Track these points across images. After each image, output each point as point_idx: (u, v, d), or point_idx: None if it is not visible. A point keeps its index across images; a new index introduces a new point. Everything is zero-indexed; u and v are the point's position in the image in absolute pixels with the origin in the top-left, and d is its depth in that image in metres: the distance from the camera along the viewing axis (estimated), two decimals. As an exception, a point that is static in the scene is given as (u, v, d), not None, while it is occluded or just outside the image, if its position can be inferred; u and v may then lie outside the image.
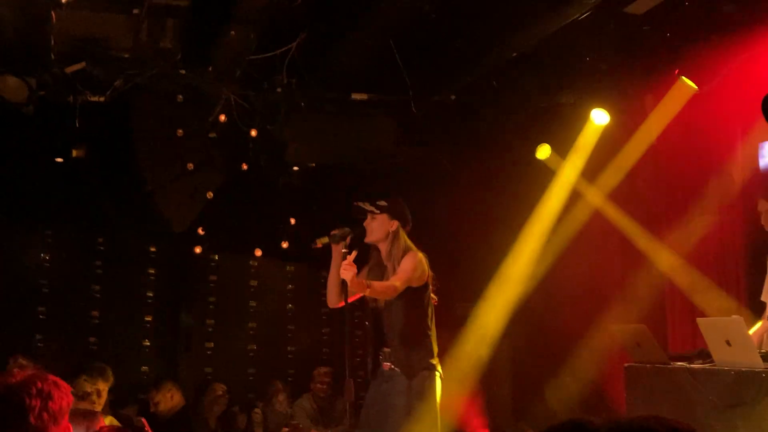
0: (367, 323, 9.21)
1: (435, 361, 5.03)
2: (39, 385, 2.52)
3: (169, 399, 7.74)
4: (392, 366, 4.98)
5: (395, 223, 5.09)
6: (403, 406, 4.87)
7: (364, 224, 5.08)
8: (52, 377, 2.60)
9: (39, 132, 6.78)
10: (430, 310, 5.10)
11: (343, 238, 4.88)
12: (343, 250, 4.81)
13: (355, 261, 4.75)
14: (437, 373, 4.99)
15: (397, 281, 4.88)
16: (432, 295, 5.13)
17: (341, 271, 4.68)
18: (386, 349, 5.08)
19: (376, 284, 4.85)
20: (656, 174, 6.59)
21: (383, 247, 5.08)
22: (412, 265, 4.97)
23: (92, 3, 5.12)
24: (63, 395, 2.53)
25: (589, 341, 6.72)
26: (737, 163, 6.03)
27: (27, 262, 9.11)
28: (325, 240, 4.93)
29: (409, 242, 5.12)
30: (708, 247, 6.23)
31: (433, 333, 5.09)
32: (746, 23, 5.71)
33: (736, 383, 4.17)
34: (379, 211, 5.05)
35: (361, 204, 5.08)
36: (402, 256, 5.02)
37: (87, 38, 5.48)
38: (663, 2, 5.85)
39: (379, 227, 5.06)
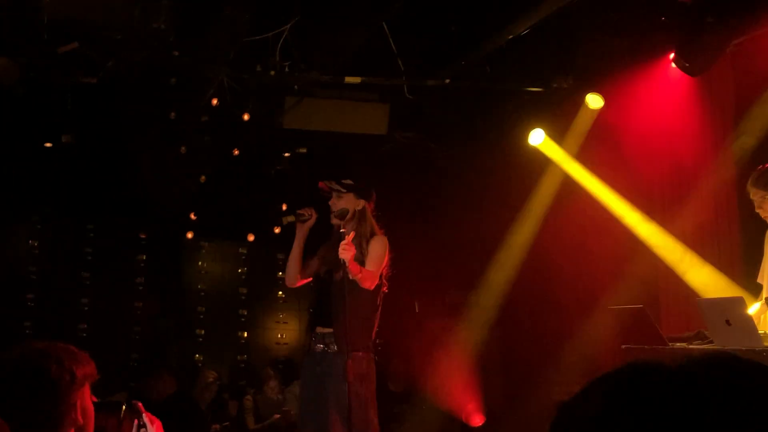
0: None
1: (371, 343, 5.10)
2: (60, 352, 2.48)
3: (163, 386, 7.70)
4: (325, 347, 4.98)
5: (361, 203, 5.16)
6: (342, 388, 4.88)
7: (330, 203, 5.14)
8: (72, 348, 2.57)
9: (30, 114, 6.70)
10: (381, 293, 5.15)
11: (309, 217, 5.11)
12: (341, 230, 4.82)
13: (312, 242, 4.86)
14: (373, 356, 5.09)
15: (374, 267, 4.97)
16: (384, 280, 5.16)
17: (340, 250, 4.70)
18: (320, 329, 5.08)
19: (365, 270, 4.88)
20: (651, 158, 6.59)
21: (349, 225, 5.07)
22: (383, 251, 5.07)
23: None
24: (82, 364, 2.50)
25: (585, 323, 6.72)
26: (732, 146, 6.03)
27: (15, 248, 9.04)
28: (291, 218, 5.04)
29: (375, 223, 5.13)
30: (703, 228, 6.23)
31: (377, 317, 5.14)
32: (740, 7, 5.71)
33: (736, 363, 4.17)
34: (345, 190, 5.07)
35: (327, 183, 5.11)
36: (370, 237, 5.03)
37: (80, 18, 5.40)
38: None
39: (345, 205, 5.10)
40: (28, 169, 7.91)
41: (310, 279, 5.32)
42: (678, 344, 4.74)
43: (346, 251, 4.67)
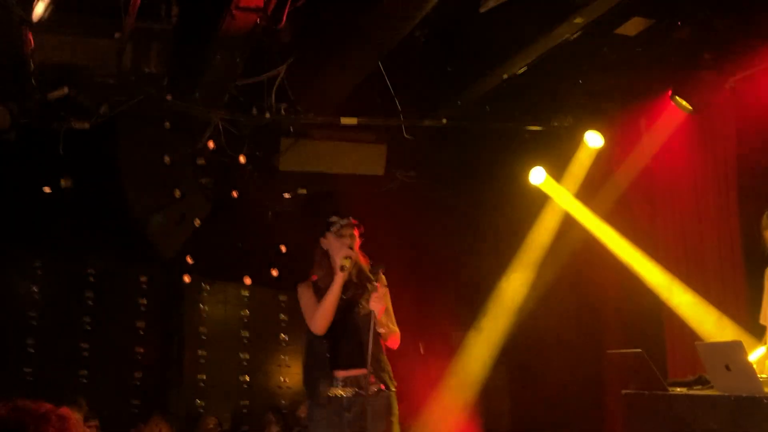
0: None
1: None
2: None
3: (157, 432, 7.59)
4: (359, 390, 4.71)
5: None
6: (390, 428, 4.68)
7: (354, 245, 4.81)
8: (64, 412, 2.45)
9: (23, 160, 6.69)
10: None
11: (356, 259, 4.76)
12: (375, 283, 4.67)
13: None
14: None
15: (395, 324, 4.83)
16: None
17: (372, 303, 4.56)
18: (342, 373, 4.74)
19: (393, 331, 4.77)
20: (651, 196, 6.49)
21: (359, 262, 4.88)
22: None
23: (73, 27, 5.03)
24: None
25: (588, 366, 6.58)
26: (732, 183, 5.92)
27: (16, 293, 8.98)
28: (347, 263, 4.67)
29: None
30: (707, 269, 6.10)
31: None
32: (739, 43, 5.64)
33: (737, 410, 4.02)
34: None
35: (353, 220, 4.87)
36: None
37: (69, 63, 5.38)
38: (654, 23, 5.79)
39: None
40: (26, 214, 7.87)
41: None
42: (678, 389, 4.60)
43: (378, 302, 4.55)
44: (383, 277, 4.79)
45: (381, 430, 4.65)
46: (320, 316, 4.75)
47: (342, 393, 4.72)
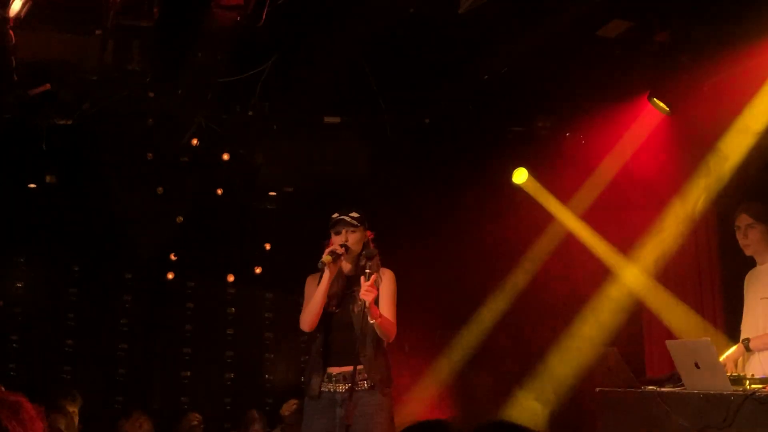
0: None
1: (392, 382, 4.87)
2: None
3: (138, 428, 7.59)
4: (353, 386, 4.71)
5: (368, 234, 4.95)
6: (379, 428, 4.64)
7: (340, 240, 4.82)
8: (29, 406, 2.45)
9: (6, 156, 6.70)
10: None
11: (343, 253, 4.76)
12: (367, 271, 4.66)
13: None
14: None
15: (392, 310, 4.78)
16: None
17: (363, 292, 4.54)
18: (336, 370, 4.76)
19: (386, 318, 4.70)
20: (629, 195, 6.55)
21: (357, 260, 4.87)
22: (394, 288, 4.86)
23: (55, 23, 5.04)
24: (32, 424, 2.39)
25: (566, 363, 6.64)
26: (707, 181, 5.99)
27: (0, 289, 8.98)
28: (329, 258, 4.69)
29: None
30: (683, 268, 6.17)
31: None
32: (717, 46, 5.70)
33: (706, 407, 4.09)
34: (358, 224, 4.88)
35: (343, 217, 4.87)
36: (379, 270, 4.81)
37: (51, 60, 5.41)
38: (633, 25, 5.85)
39: (359, 240, 4.86)
40: (9, 210, 7.88)
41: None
42: (650, 387, 4.66)
43: (369, 293, 4.52)
44: (374, 264, 4.74)
45: (368, 429, 4.65)
46: (305, 312, 4.82)
47: (334, 388, 4.75)
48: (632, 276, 6.43)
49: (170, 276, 8.20)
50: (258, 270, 7.27)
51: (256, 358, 9.70)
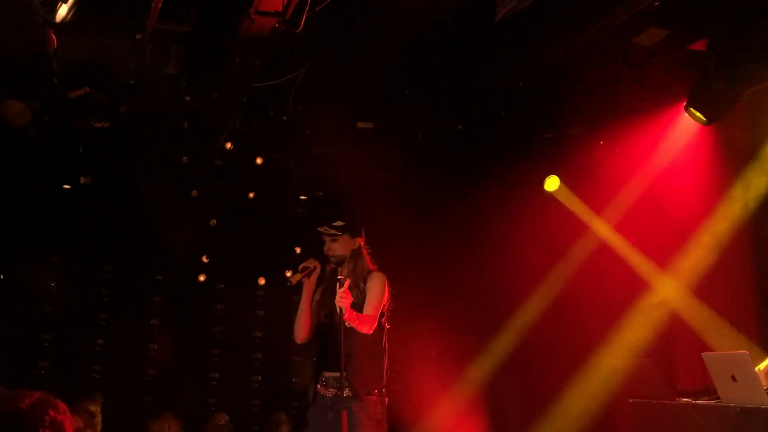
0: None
1: (383, 385, 4.97)
2: (51, 414, 2.44)
3: (166, 429, 7.64)
4: (338, 392, 4.86)
5: (357, 241, 5.06)
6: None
7: (325, 249, 5.02)
8: (61, 405, 2.52)
9: (43, 157, 6.79)
10: (385, 331, 5.03)
11: (315, 269, 4.98)
12: (339, 277, 4.74)
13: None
14: (386, 399, 4.97)
15: (373, 310, 4.87)
16: (386, 315, 5.05)
17: (338, 299, 4.62)
18: (328, 374, 4.96)
19: (363, 316, 4.79)
20: (663, 206, 6.50)
21: (347, 266, 5.01)
22: (382, 288, 4.96)
23: (95, 27, 5.12)
24: (71, 424, 2.46)
25: (598, 375, 6.59)
26: (745, 193, 5.93)
27: (34, 289, 9.07)
28: (299, 276, 4.98)
29: (369, 259, 5.09)
30: (717, 281, 6.11)
31: (386, 357, 5.02)
32: (755, 55, 5.64)
33: (742, 420, 4.06)
34: (340, 233, 5.00)
35: (320, 229, 5.03)
36: (367, 275, 4.98)
37: (91, 63, 5.48)
38: (670, 34, 5.80)
39: (341, 248, 5.00)
40: (45, 211, 7.98)
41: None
42: (684, 399, 4.62)
43: (343, 299, 4.61)
44: (357, 269, 4.95)
45: None
46: (294, 326, 5.17)
47: (325, 392, 4.95)
48: (667, 287, 6.37)
49: (202, 278, 8.25)
50: (289, 273, 7.28)
51: (284, 360, 9.74)
